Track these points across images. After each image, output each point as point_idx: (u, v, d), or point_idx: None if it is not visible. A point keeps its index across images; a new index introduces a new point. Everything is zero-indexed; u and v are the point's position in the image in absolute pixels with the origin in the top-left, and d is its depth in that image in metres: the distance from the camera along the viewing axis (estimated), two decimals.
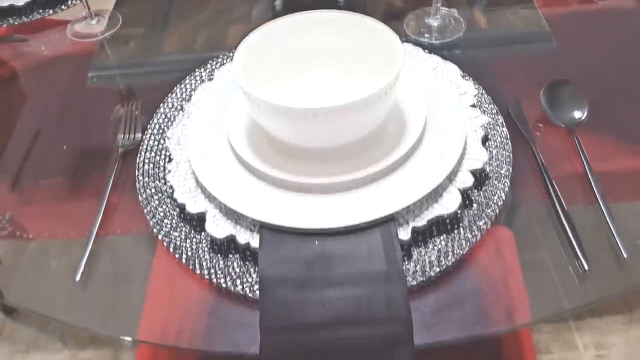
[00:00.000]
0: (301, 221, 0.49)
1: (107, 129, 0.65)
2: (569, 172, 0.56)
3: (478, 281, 0.49)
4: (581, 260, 0.49)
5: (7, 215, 0.58)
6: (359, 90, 0.48)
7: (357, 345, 0.44)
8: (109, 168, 0.60)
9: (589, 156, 0.57)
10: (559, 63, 0.70)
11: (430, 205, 0.51)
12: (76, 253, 0.53)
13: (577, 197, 0.54)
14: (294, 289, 0.46)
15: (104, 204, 0.56)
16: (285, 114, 0.49)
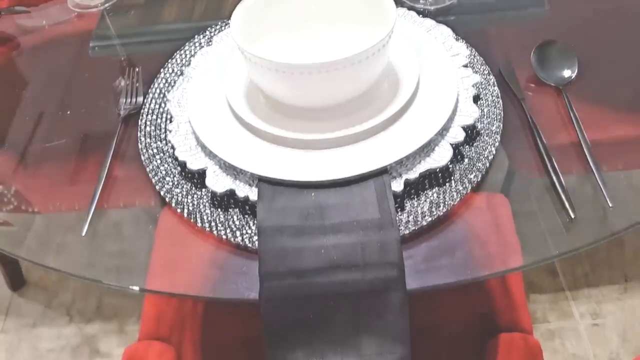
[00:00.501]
0: (297, 174, 0.50)
1: (110, 95, 0.67)
2: (558, 128, 0.58)
3: (469, 231, 0.51)
4: (568, 209, 0.51)
5: (13, 189, 0.60)
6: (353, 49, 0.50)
7: (352, 289, 0.46)
8: (112, 132, 0.61)
9: (577, 113, 0.58)
10: (551, 26, 0.72)
11: (423, 159, 0.53)
12: (83, 212, 0.55)
13: (566, 152, 0.56)
14: (290, 237, 0.48)
15: (107, 165, 0.58)
16: (280, 71, 0.50)
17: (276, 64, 0.50)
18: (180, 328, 0.78)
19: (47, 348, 1.25)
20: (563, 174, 0.53)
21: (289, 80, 0.52)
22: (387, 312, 0.46)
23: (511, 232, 0.51)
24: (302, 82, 0.51)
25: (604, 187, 0.52)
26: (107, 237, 0.54)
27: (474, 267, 0.48)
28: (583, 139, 0.56)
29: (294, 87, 0.53)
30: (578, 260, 1.29)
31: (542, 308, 1.23)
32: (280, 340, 0.47)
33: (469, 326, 0.77)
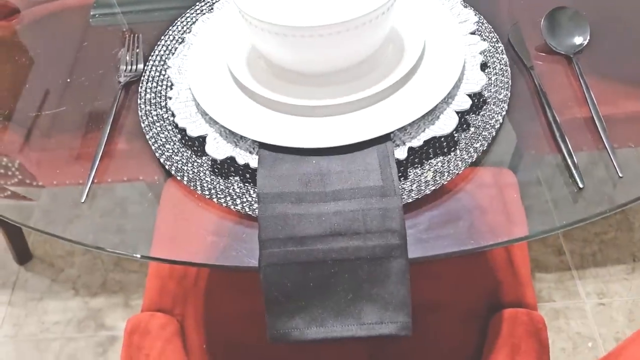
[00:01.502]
0: (298, 140, 0.49)
1: (111, 63, 0.66)
2: (567, 98, 0.57)
3: (473, 201, 0.50)
4: (576, 178, 0.49)
5: (17, 162, 0.59)
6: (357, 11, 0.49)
7: (353, 256, 0.45)
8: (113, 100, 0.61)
9: (588, 81, 0.57)
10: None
11: (427, 127, 0.52)
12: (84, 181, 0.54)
13: (575, 122, 0.55)
14: (291, 203, 0.47)
15: (106, 134, 0.57)
16: (280, 34, 0.49)
17: (277, 27, 0.49)
18: (183, 301, 0.78)
19: (53, 321, 1.26)
20: (572, 145, 0.52)
21: (290, 44, 0.50)
22: (389, 280, 0.45)
23: (517, 203, 0.50)
24: (304, 45, 0.50)
25: (614, 156, 0.50)
26: (107, 207, 0.53)
27: (477, 237, 0.47)
28: (594, 109, 0.54)
29: (295, 51, 0.51)
30: (586, 239, 1.28)
31: (547, 287, 1.22)
32: (280, 307, 0.46)
33: (474, 302, 0.76)
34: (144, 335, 0.74)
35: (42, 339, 1.24)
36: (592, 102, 0.54)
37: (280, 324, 0.46)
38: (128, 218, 0.53)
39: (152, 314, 0.77)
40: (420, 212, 0.49)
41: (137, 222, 0.53)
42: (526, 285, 0.78)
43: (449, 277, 0.78)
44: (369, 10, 0.48)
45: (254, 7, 0.51)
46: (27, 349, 1.23)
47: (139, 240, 0.52)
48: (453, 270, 0.79)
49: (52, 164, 0.58)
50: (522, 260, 0.81)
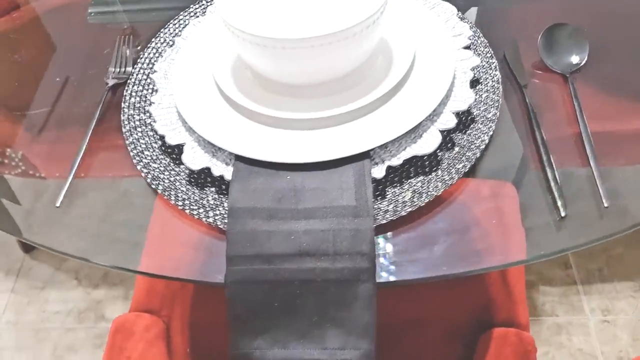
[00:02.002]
0: (273, 154, 0.48)
1: (102, 63, 0.65)
2: (560, 119, 0.54)
3: (450, 223, 0.48)
4: (559, 206, 0.47)
5: (20, 153, 0.59)
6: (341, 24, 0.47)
7: (320, 278, 0.44)
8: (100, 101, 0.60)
9: (584, 103, 0.54)
10: (568, 8, 0.67)
11: (409, 145, 0.50)
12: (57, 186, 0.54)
13: (566, 144, 0.53)
14: (262, 220, 0.46)
15: (88, 135, 0.57)
16: (262, 45, 0.48)
17: (259, 38, 0.48)
18: (171, 303, 0.78)
19: (54, 310, 1.27)
20: (560, 169, 0.50)
21: (272, 55, 0.49)
22: (355, 304, 0.44)
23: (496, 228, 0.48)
24: (285, 57, 0.49)
25: (602, 184, 0.48)
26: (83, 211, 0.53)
27: (451, 262, 0.46)
28: (585, 132, 0.52)
29: (277, 63, 0.50)
30: (592, 254, 1.24)
31: (551, 301, 1.20)
32: (244, 325, 0.45)
33: (464, 318, 0.74)
34: (127, 336, 0.74)
35: (41, 328, 1.25)
36: (584, 126, 0.52)
37: (243, 344, 0.45)
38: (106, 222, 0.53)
39: (138, 314, 0.77)
40: (395, 232, 0.48)
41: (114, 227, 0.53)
42: (519, 304, 0.76)
43: (439, 292, 0.76)
44: (351, 25, 0.47)
45: (239, 17, 0.50)
46: (27, 337, 1.24)
47: (122, 249, 0.52)
48: (444, 286, 0.77)
49: (31, 161, 0.58)
50: (517, 278, 0.79)
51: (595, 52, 0.58)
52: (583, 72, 0.57)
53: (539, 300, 1.20)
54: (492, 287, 0.77)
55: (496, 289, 0.77)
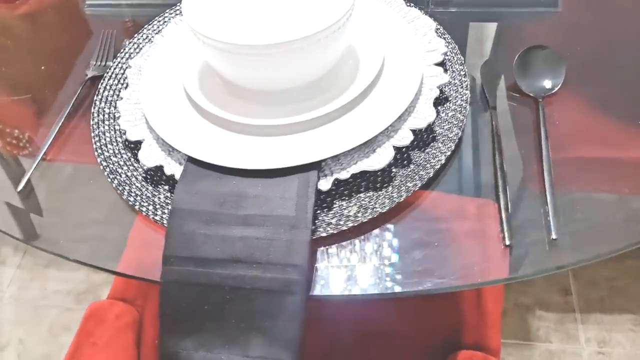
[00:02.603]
0: (221, 159, 0.49)
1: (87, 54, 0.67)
2: (524, 144, 0.53)
3: (389, 242, 0.47)
4: (505, 235, 0.46)
5: (27, 134, 0.61)
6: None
7: (249, 285, 0.44)
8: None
9: (553, 130, 0.53)
10: (559, 30, 0.65)
11: (360, 159, 0.50)
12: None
13: (527, 170, 0.51)
14: (201, 222, 0.46)
15: (58, 125, 0.58)
16: (226, 51, 0.48)
17: (223, 44, 0.48)
18: (145, 294, 0.79)
19: (54, 289, 1.31)
20: (515, 196, 0.49)
21: (235, 61, 0.49)
22: (281, 315, 0.44)
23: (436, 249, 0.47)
24: (247, 63, 0.49)
25: (554, 215, 0.47)
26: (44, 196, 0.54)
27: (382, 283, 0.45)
28: (546, 161, 0.50)
29: (239, 68, 0.50)
30: (595, 282, 1.21)
31: (546, 327, 1.17)
32: (174, 325, 0.45)
33: (434, 337, 0.73)
34: (98, 323, 0.75)
35: (41, 305, 1.29)
36: (546, 153, 0.51)
37: (172, 343, 0.45)
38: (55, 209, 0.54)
39: (112, 302, 0.79)
40: (334, 246, 0.48)
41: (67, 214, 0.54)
42: (491, 328, 0.74)
43: (411, 307, 0.75)
44: (314, 32, 0.46)
45: (205, 23, 0.50)
46: (27, 313, 1.28)
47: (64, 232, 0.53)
48: (416, 302, 0.76)
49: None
50: (493, 301, 0.77)
51: (573, 78, 0.57)
52: (558, 97, 0.56)
53: (534, 325, 1.17)
54: (465, 308, 0.75)
55: (470, 310, 0.75)
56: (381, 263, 0.46)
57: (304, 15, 0.55)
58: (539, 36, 0.65)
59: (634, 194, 0.49)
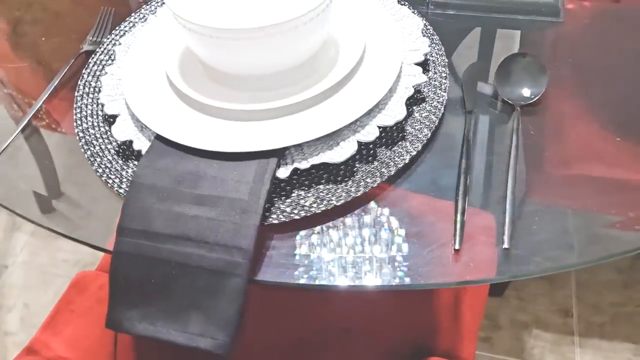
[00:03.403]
0: (184, 137, 0.49)
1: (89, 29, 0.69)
2: (494, 151, 0.52)
3: (341, 236, 0.47)
4: (456, 240, 0.45)
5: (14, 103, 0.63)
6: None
7: (195, 263, 0.45)
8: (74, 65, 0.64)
9: (524, 139, 0.52)
10: (556, 40, 0.64)
11: (323, 151, 0.50)
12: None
13: (492, 177, 0.50)
14: (157, 198, 0.47)
15: (44, 96, 0.60)
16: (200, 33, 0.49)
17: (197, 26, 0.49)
18: None
19: (63, 258, 1.35)
20: (476, 202, 0.48)
21: (210, 45, 0.50)
22: (223, 295, 0.44)
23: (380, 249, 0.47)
24: (221, 47, 0.50)
25: (509, 224, 0.46)
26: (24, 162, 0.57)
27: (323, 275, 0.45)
28: (512, 168, 0.49)
29: (212, 52, 0.51)
30: (598, 307, 1.17)
31: (542, 346, 1.14)
32: (121, 294, 0.47)
33: (404, 339, 0.73)
34: (81, 291, 0.78)
35: (49, 272, 1.33)
36: (514, 162, 0.50)
37: (117, 312, 0.47)
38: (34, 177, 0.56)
39: (99, 273, 0.81)
40: (285, 234, 0.48)
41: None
42: (465, 338, 0.73)
43: (385, 306, 0.75)
44: (294, 17, 0.47)
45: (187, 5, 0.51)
46: (35, 278, 1.32)
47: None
48: (392, 301, 0.76)
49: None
50: (472, 311, 0.76)
51: (556, 89, 0.55)
52: (537, 107, 0.55)
53: (529, 343, 1.15)
54: (441, 314, 0.75)
55: (446, 317, 0.74)
56: (329, 256, 0.46)
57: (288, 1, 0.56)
58: (534, 45, 0.64)
59: (598, 211, 0.48)
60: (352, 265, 0.46)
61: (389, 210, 0.49)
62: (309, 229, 0.48)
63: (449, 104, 0.56)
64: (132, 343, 0.74)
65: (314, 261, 0.46)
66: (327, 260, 0.46)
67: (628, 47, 0.62)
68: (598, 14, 0.67)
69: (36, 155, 0.58)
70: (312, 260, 0.46)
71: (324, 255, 0.47)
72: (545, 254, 0.45)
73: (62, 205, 0.55)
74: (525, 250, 0.45)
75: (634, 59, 0.60)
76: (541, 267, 0.44)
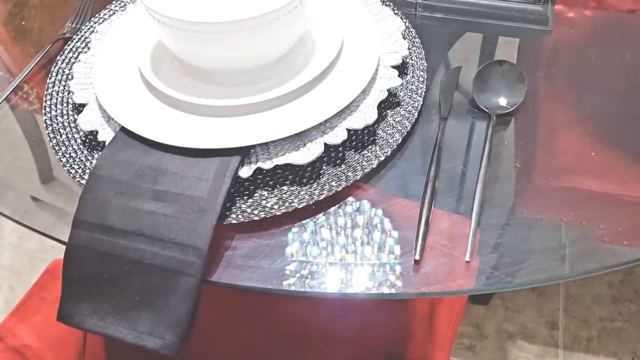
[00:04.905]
0: (147, 131, 0.48)
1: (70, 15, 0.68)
2: (468, 161, 0.51)
3: (301, 239, 0.46)
4: (417, 249, 0.44)
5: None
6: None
7: (148, 261, 0.44)
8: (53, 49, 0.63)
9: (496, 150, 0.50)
10: (543, 49, 0.62)
11: (289, 152, 0.49)
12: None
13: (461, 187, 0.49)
14: (115, 192, 0.46)
15: (17, 81, 0.59)
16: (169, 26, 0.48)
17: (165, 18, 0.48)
18: None
19: (52, 244, 1.34)
20: (442, 212, 0.47)
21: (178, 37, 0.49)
22: (174, 294, 0.43)
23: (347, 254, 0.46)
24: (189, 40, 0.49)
25: (472, 237, 0.45)
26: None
27: (282, 279, 0.44)
28: (482, 179, 0.48)
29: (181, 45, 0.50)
30: (587, 321, 1.16)
31: (525, 357, 1.12)
32: (73, 288, 0.46)
33: (375, 345, 0.72)
34: (54, 278, 0.77)
35: (36, 257, 1.33)
36: (484, 172, 0.48)
37: (69, 305, 0.46)
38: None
39: None
40: (242, 235, 0.47)
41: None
42: (439, 349, 0.72)
43: (357, 311, 0.74)
44: (267, 11, 0.46)
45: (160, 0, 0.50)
46: (23, 262, 1.32)
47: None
48: (366, 307, 0.74)
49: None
50: (448, 322, 0.75)
51: (536, 99, 0.54)
52: (514, 117, 0.53)
53: (513, 354, 1.13)
54: (415, 322, 0.73)
55: (420, 325, 0.73)
56: (286, 259, 0.45)
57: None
58: (520, 53, 0.62)
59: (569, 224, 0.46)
60: (309, 270, 0.45)
61: (352, 216, 0.48)
62: (269, 231, 0.47)
63: (425, 109, 0.54)
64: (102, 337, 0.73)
65: (272, 264, 0.45)
66: (285, 263, 0.45)
67: (614, 59, 0.60)
68: (587, 24, 0.65)
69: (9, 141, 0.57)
70: (269, 263, 0.45)
71: (281, 258, 0.45)
72: (508, 269, 0.44)
73: (43, 202, 0.54)
74: (485, 264, 0.44)
75: (617, 71, 0.59)
76: (503, 282, 0.43)
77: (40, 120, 0.56)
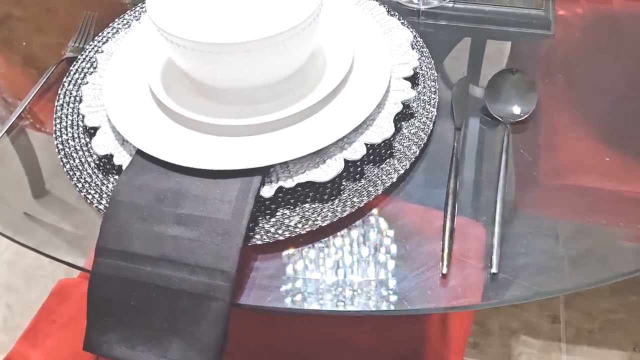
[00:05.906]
0: (166, 154, 0.48)
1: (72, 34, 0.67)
2: (487, 170, 0.51)
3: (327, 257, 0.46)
4: (444, 263, 0.44)
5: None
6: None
7: (175, 286, 0.44)
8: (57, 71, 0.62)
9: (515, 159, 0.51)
10: (546, 54, 0.63)
11: (309, 169, 0.48)
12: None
13: (482, 198, 0.49)
14: (137, 217, 0.46)
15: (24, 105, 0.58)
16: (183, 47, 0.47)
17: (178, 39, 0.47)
18: None
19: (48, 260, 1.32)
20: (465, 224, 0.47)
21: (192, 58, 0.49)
22: (204, 320, 0.43)
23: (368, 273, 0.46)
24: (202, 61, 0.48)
25: (497, 248, 0.45)
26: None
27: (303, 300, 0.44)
28: (502, 189, 0.48)
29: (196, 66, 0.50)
30: (589, 313, 1.17)
31: (529, 353, 1.14)
32: (99, 317, 0.45)
33: (391, 354, 0.72)
34: (63, 300, 0.76)
35: (33, 274, 1.31)
36: (503, 183, 0.49)
37: (95, 334, 0.45)
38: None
39: (81, 280, 0.79)
40: (269, 255, 0.47)
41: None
42: (454, 354, 0.73)
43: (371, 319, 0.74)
44: (280, 31, 0.45)
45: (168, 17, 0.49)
46: (18, 279, 1.30)
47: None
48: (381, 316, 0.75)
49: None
50: (460, 326, 0.75)
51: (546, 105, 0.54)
52: (528, 124, 0.54)
53: (517, 350, 1.14)
54: (429, 329, 0.74)
55: (434, 331, 0.74)
56: (313, 278, 0.45)
57: (275, 16, 0.54)
58: (525, 58, 0.63)
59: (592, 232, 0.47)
60: (336, 288, 0.45)
61: (376, 231, 0.48)
62: (294, 250, 0.47)
63: (438, 120, 0.54)
64: None
65: (299, 284, 0.45)
66: (312, 283, 0.45)
67: (619, 61, 0.61)
68: (589, 27, 0.66)
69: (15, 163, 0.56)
70: (296, 283, 0.45)
71: (308, 277, 0.45)
72: (533, 278, 0.44)
73: (38, 218, 0.54)
74: (512, 275, 0.44)
75: (624, 73, 0.59)
76: (530, 291, 0.44)
77: (32, 133, 0.55)
